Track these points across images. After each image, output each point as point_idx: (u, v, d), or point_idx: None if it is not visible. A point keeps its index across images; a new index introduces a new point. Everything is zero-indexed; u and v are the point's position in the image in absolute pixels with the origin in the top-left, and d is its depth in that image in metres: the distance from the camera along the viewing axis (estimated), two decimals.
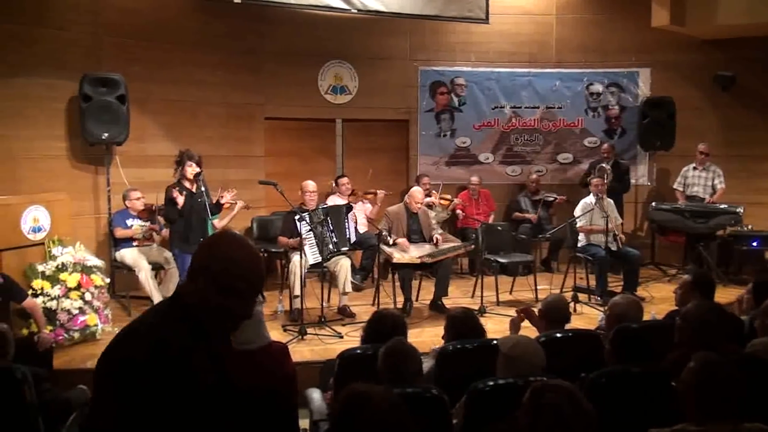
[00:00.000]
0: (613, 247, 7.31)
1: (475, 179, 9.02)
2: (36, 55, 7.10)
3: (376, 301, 6.84)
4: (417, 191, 7.24)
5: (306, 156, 9.18)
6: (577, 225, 7.57)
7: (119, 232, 6.99)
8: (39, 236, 5.98)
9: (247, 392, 3.47)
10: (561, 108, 9.56)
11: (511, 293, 7.65)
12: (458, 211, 8.90)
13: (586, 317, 6.53)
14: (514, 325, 4.41)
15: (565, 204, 8.88)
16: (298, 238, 6.29)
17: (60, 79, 7.22)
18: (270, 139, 8.92)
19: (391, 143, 9.47)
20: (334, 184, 8.43)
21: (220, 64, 8.40)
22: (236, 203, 7.46)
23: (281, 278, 7.52)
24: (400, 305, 6.85)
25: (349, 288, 6.74)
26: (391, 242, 6.93)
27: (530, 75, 9.49)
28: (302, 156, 9.16)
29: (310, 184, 6.92)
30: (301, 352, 5.61)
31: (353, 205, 7.68)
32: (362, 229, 8.09)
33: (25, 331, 5.50)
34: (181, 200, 6.26)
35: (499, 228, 7.96)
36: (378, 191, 8.15)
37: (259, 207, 8.59)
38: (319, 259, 6.54)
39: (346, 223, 6.78)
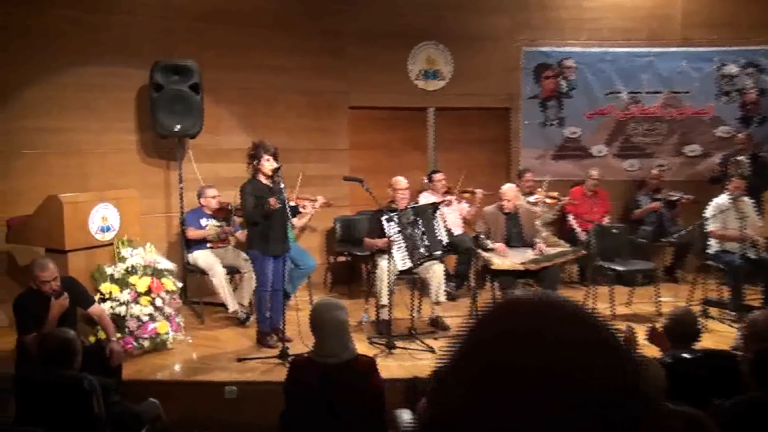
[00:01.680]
0: (751, 254, 7.01)
1: (594, 173, 8.79)
2: (104, 42, 7.38)
3: (473, 312, 6.78)
4: (507, 188, 7.15)
5: (394, 149, 9.22)
6: (708, 228, 7.29)
7: (192, 233, 7.19)
8: (108, 236, 6.20)
9: (331, 408, 3.51)
10: (688, 93, 9.27)
11: (628, 306, 7.48)
12: (568, 212, 8.73)
13: (718, 335, 6.29)
14: (629, 342, 4.29)
15: (692, 204, 8.58)
16: (387, 239, 6.30)
17: (129, 67, 7.48)
18: (354, 130, 8.99)
19: (489, 134, 9.40)
20: (426, 180, 8.43)
21: (298, 47, 8.53)
22: (315, 199, 7.57)
23: (367, 285, 7.57)
24: None
25: (442, 297, 6.71)
26: (489, 246, 6.86)
27: (651, 55, 9.25)
28: (390, 149, 9.20)
29: (402, 181, 6.93)
30: (389, 367, 5.60)
31: (445, 201, 7.65)
32: (457, 230, 8.06)
33: (92, 338, 5.72)
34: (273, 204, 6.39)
35: (615, 231, 7.75)
36: (476, 190, 8.08)
37: (342, 206, 8.68)
38: (409, 264, 6.53)
39: (435, 224, 6.77)
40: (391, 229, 6.37)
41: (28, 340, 4.87)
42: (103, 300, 5.85)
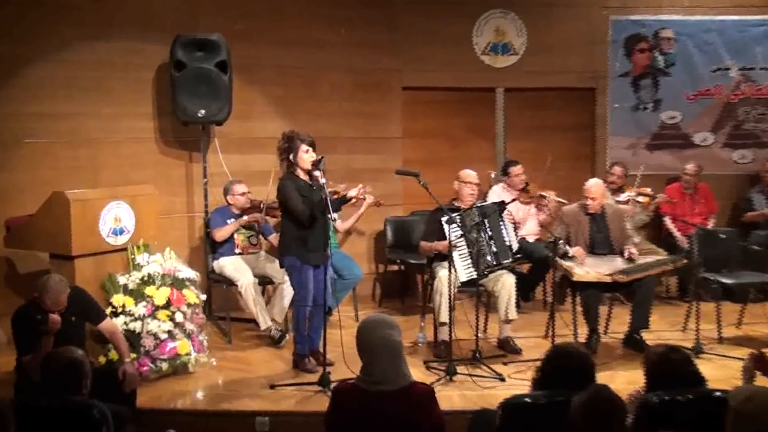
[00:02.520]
0: None
1: (690, 167, 8.65)
2: (119, 13, 7.47)
3: (550, 333, 6.71)
4: (593, 185, 7.05)
5: (455, 137, 9.18)
6: None
7: (219, 232, 7.22)
8: (121, 240, 6.26)
9: None
10: None
11: (739, 327, 7.38)
12: (664, 213, 8.61)
13: None
14: (747, 372, 4.21)
15: None
16: (448, 242, 6.26)
17: (147, 42, 7.57)
18: (409, 115, 8.97)
19: (570, 120, 9.33)
20: (497, 174, 8.40)
21: (344, 18, 8.54)
22: (365, 198, 7.57)
23: (423, 299, 7.54)
24: (582, 339, 6.73)
25: (513, 315, 6.65)
26: (569, 253, 6.78)
27: (767, 24, 9.14)
28: (450, 137, 9.17)
29: (472, 174, 6.89)
30: (450, 397, 5.56)
31: (519, 200, 7.59)
32: (532, 237, 8.04)
33: (102, 359, 5.78)
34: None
35: (723, 236, 7.64)
36: (548, 194, 7.98)
37: (394, 204, 8.68)
38: (474, 275, 6.49)
39: (503, 226, 6.72)
40: (453, 232, 6.35)
41: (28, 360, 4.91)
42: (115, 314, 5.90)
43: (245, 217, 7.26)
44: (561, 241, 6.80)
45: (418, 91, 8.95)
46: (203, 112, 7.43)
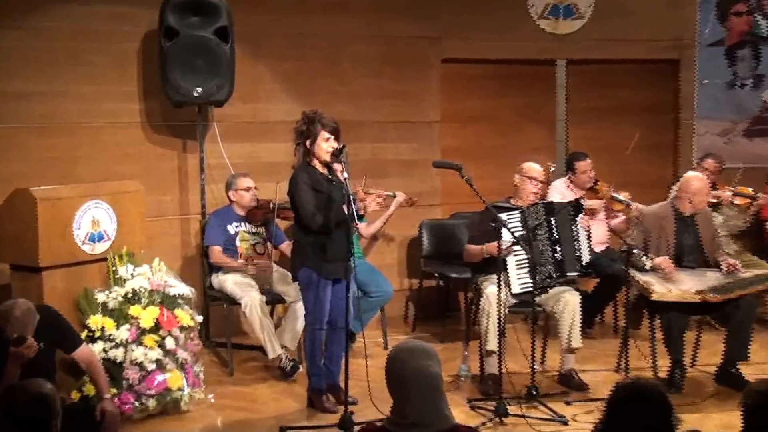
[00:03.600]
0: None
1: None
2: None
3: (622, 364, 6.69)
4: (693, 179, 6.98)
5: (506, 122, 9.22)
6: None
7: (214, 256, 7.28)
8: (99, 248, 6.28)
9: None
10: None
11: None
12: (766, 217, 8.54)
13: None
14: None
15: None
16: (499, 244, 6.22)
17: (132, 5, 7.63)
18: (449, 95, 8.99)
19: (647, 100, 9.35)
20: (557, 168, 8.44)
21: None
22: (395, 195, 7.61)
23: (467, 322, 7.56)
24: (663, 373, 6.69)
25: (577, 342, 6.61)
26: (647, 265, 6.75)
27: None
28: (500, 122, 9.20)
29: (538, 169, 6.91)
30: None
31: (584, 200, 7.58)
32: (600, 246, 8.02)
33: (76, 395, 5.79)
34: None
35: None
36: (621, 196, 7.95)
37: (431, 204, 8.73)
38: (529, 287, 6.51)
39: (575, 232, 6.72)
40: (511, 230, 6.33)
41: None
42: (92, 340, 5.92)
43: (251, 269, 7.24)
44: (637, 251, 6.77)
45: (461, 64, 8.97)
46: (200, 90, 7.43)
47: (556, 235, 6.66)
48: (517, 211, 6.62)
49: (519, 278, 6.58)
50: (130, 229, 6.49)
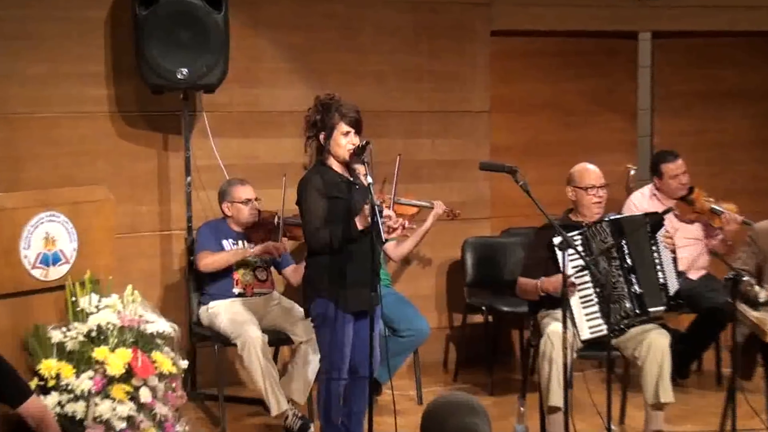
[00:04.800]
0: None
1: None
2: None
3: (728, 425, 6.65)
4: None
5: (573, 112, 9.26)
6: None
7: (204, 259, 7.22)
8: (55, 273, 6.21)
9: None
10: None
11: None
12: None
13: None
14: None
15: None
16: (563, 278, 6.18)
17: None
18: (501, 76, 9.01)
19: (758, 83, 9.36)
20: (634, 171, 8.38)
21: None
22: (432, 206, 7.62)
23: (523, 369, 7.58)
24: None
25: (667, 396, 6.51)
26: (761, 297, 6.71)
27: None
28: (566, 111, 9.25)
29: (593, 171, 6.85)
30: None
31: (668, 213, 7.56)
32: (696, 273, 8.00)
33: None
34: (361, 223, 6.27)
35: None
36: (724, 208, 7.91)
37: (477, 217, 8.75)
38: (603, 330, 6.48)
39: (657, 254, 6.69)
40: (571, 261, 6.31)
41: None
42: (43, 390, 5.84)
43: (256, 248, 7.26)
44: (747, 278, 6.72)
45: (516, 37, 9.02)
46: (185, 71, 7.43)
47: (630, 262, 6.62)
48: (576, 231, 6.56)
49: (588, 320, 6.54)
50: (94, 248, 6.40)
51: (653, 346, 6.55)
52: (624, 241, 6.59)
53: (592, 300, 6.55)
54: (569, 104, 9.24)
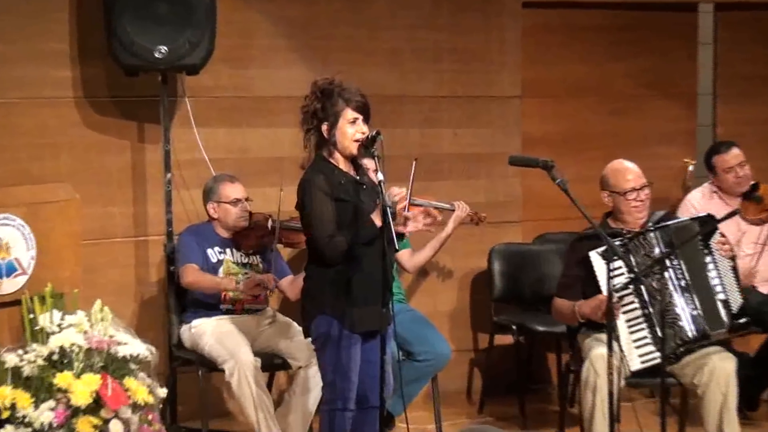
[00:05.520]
0: None
1: None
2: None
3: None
4: None
5: (620, 97, 9.29)
6: None
7: (188, 276, 7.18)
8: (9, 286, 6.19)
9: None
10: None
11: None
12: None
13: None
14: None
15: None
16: (605, 300, 6.15)
17: None
18: (534, 55, 9.06)
19: None
20: (692, 167, 8.40)
21: None
22: (453, 208, 7.64)
23: (560, 400, 7.57)
24: None
25: (734, 429, 6.52)
26: None
27: None
28: (611, 97, 9.28)
29: (631, 169, 6.86)
30: None
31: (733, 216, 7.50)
32: (766, 286, 7.95)
33: None
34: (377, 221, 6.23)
35: None
36: None
37: (506, 221, 8.74)
38: (655, 358, 6.49)
39: (711, 265, 6.69)
40: (615, 276, 6.26)
41: None
42: None
43: (240, 285, 7.19)
44: None
45: (552, 9, 9.05)
46: (164, 50, 7.41)
47: (683, 277, 6.60)
48: (616, 241, 6.44)
49: (637, 346, 6.53)
50: (57, 257, 6.39)
51: (716, 373, 6.52)
52: (676, 253, 6.56)
53: (640, 324, 6.53)
54: (616, 88, 9.27)
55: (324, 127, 6.02)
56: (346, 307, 5.99)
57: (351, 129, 5.99)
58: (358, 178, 6.07)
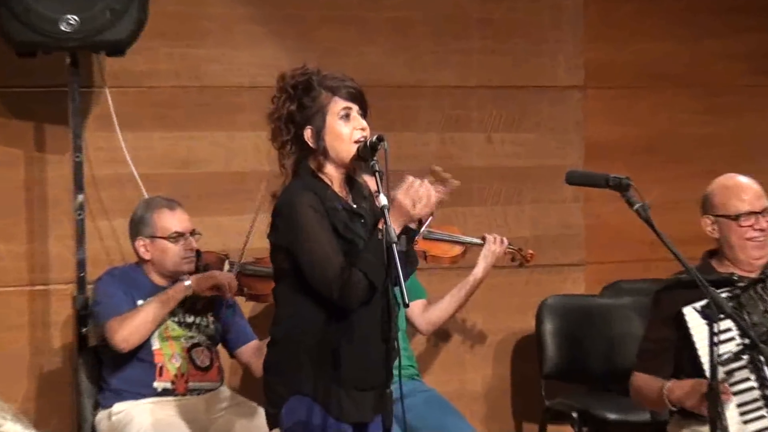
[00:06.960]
0: None
1: None
2: None
3: None
4: None
5: (721, 88, 9.26)
6: None
7: (125, 327, 6.97)
8: None
9: None
10: None
11: None
12: None
13: None
14: None
15: None
16: (710, 378, 5.98)
17: None
18: (602, 31, 9.04)
19: None
20: None
21: None
22: (482, 243, 7.45)
23: None
24: None
25: None
26: None
27: None
28: (708, 90, 9.30)
29: (747, 188, 6.81)
30: None
31: None
32: None
33: None
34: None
35: None
36: None
37: (563, 263, 8.59)
38: None
39: None
40: (722, 342, 6.04)
41: None
42: None
43: (193, 277, 7.10)
44: None
45: None
46: (73, 20, 7.28)
47: None
48: (724, 291, 6.26)
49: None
50: None
51: None
52: None
53: (760, 409, 6.34)
54: (716, 76, 9.27)
55: (307, 133, 5.84)
56: (332, 386, 5.79)
57: (345, 127, 5.81)
58: (354, 206, 5.86)
